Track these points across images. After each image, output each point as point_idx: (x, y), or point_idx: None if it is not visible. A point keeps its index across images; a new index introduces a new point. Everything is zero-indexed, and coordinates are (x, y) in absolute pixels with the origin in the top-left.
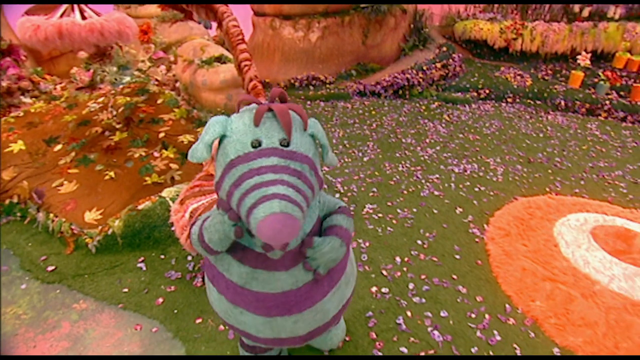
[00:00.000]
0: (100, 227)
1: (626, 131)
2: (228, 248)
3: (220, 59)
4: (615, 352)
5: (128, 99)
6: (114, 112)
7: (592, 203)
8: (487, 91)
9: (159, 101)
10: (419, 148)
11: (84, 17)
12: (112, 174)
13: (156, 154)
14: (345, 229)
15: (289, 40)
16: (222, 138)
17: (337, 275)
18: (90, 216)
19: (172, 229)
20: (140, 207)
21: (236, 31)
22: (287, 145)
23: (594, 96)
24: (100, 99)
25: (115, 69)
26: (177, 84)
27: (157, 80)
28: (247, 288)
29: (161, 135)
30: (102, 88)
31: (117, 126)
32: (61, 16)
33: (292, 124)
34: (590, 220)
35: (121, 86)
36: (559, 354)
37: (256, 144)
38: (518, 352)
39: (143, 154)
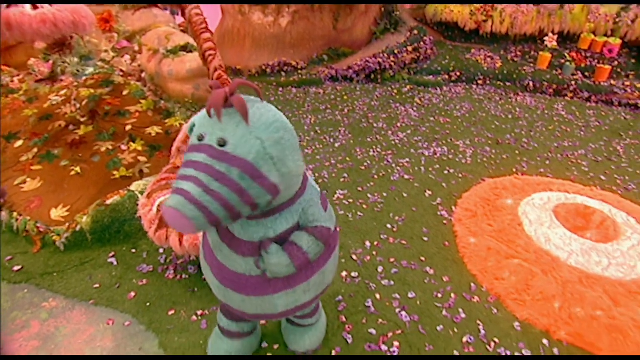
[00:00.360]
0: (67, 224)
1: (590, 111)
2: None
3: (186, 48)
4: (568, 322)
5: (92, 90)
6: (78, 105)
7: (556, 182)
8: (458, 73)
9: (125, 93)
10: (390, 132)
11: (35, 7)
12: (78, 169)
13: (124, 147)
14: (302, 252)
15: (259, 25)
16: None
17: (296, 281)
18: (57, 213)
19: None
20: (108, 202)
21: (199, 20)
22: (224, 145)
23: (560, 77)
24: (62, 92)
25: (76, 59)
26: (143, 75)
27: (122, 70)
28: (214, 253)
29: (128, 127)
30: (64, 80)
31: (82, 119)
32: (8, 6)
33: (221, 116)
34: (553, 199)
35: (84, 78)
36: (519, 328)
37: (201, 137)
38: (481, 328)
39: (110, 147)
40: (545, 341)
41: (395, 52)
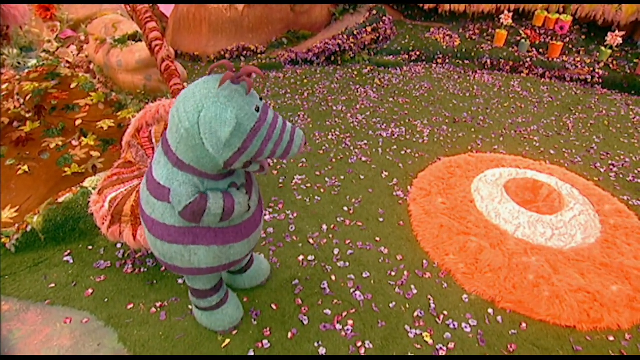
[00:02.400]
0: (17, 225)
1: (544, 87)
2: None
3: (135, 37)
4: (512, 292)
5: (36, 84)
6: (22, 100)
7: (508, 158)
8: (418, 53)
9: (73, 85)
10: (349, 115)
11: None
12: (25, 167)
13: (75, 143)
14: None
15: (215, 9)
16: None
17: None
18: (5, 215)
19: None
20: (60, 199)
21: (143, 9)
22: (261, 99)
23: (516, 54)
24: (4, 86)
25: (16, 51)
26: (92, 66)
27: (68, 62)
28: (231, 225)
29: (78, 122)
30: (4, 73)
31: (27, 115)
32: None
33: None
34: (504, 175)
35: (27, 70)
36: (466, 300)
37: (257, 109)
38: (432, 302)
39: (60, 143)
40: (490, 310)
41: (355, 33)
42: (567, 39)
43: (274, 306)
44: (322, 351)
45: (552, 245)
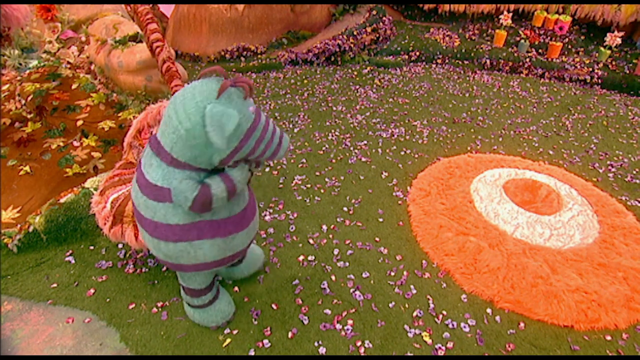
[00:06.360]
0: (19, 226)
1: (543, 87)
2: None
3: (135, 38)
4: (510, 292)
5: (37, 85)
6: (23, 101)
7: (507, 159)
8: (418, 53)
9: (74, 86)
10: (349, 115)
11: None
12: (27, 168)
13: (76, 144)
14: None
15: (216, 10)
16: None
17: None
18: (7, 215)
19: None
20: (62, 200)
21: (144, 10)
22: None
23: (516, 54)
24: (5, 87)
25: (17, 52)
26: (92, 67)
27: (69, 63)
28: (232, 215)
29: (79, 123)
30: (5, 74)
31: (29, 116)
32: None
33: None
34: (503, 175)
35: (28, 71)
36: (465, 300)
37: (254, 111)
38: (431, 302)
39: (61, 144)
40: (488, 310)
41: (355, 33)
42: (567, 39)
43: (274, 306)
44: (322, 351)
45: (550, 246)
